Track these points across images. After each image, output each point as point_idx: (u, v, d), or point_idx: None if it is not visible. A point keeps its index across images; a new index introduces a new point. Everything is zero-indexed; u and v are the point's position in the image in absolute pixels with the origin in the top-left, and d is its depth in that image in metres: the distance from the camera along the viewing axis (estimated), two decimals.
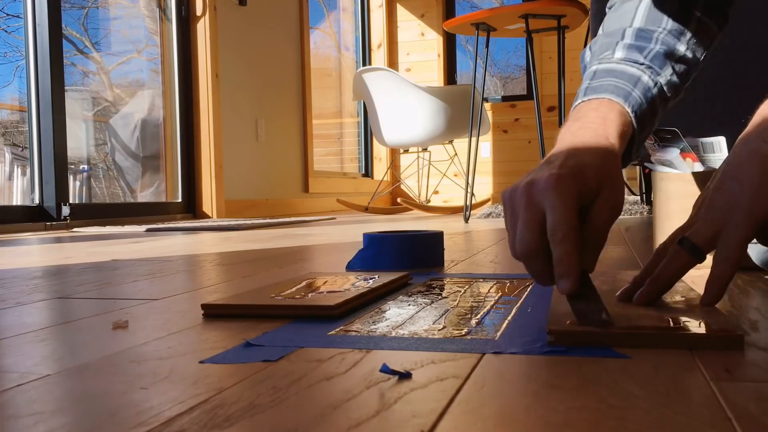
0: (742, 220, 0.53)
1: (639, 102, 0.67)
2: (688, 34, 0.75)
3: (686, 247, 0.56)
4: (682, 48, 0.74)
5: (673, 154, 1.03)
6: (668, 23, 0.74)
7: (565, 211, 0.55)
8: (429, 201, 4.55)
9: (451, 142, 3.92)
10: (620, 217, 2.94)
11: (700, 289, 0.58)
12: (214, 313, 0.67)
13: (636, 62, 0.71)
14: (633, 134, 0.67)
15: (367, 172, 5.49)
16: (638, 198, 3.51)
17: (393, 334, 0.55)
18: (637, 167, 3.55)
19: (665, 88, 0.71)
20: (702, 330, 0.50)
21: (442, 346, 0.51)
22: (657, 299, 0.58)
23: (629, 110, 0.66)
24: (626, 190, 4.01)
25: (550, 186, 0.56)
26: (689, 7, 0.76)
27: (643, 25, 0.75)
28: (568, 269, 0.54)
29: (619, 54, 0.72)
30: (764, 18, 1.76)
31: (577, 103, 0.69)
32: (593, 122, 0.64)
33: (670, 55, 0.73)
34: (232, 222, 2.84)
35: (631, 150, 0.68)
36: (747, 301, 0.69)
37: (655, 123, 0.72)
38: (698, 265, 0.56)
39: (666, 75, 0.72)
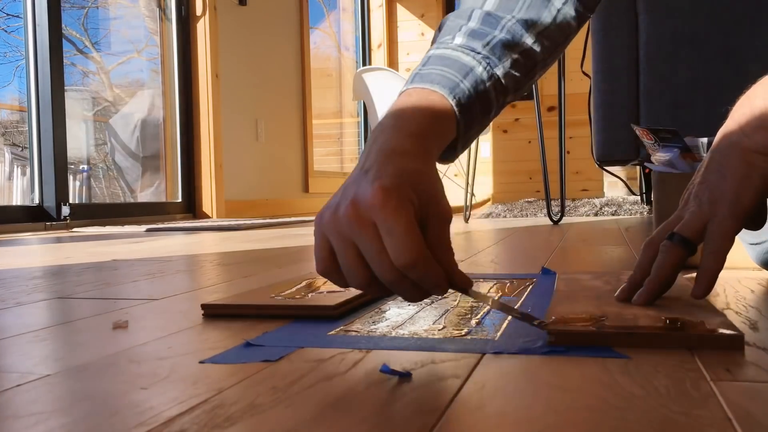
0: (728, 212, 0.54)
1: (466, 93, 0.61)
2: (541, 26, 0.68)
3: (677, 241, 0.56)
4: (529, 40, 0.67)
5: (673, 154, 1.03)
6: (520, 11, 0.67)
7: (406, 229, 0.47)
8: None
9: None
10: (620, 217, 2.95)
11: None
12: (214, 313, 0.67)
13: (473, 50, 0.64)
14: (458, 129, 0.61)
15: None
16: (638, 198, 3.51)
17: (393, 334, 0.55)
18: (637, 167, 3.55)
19: (503, 80, 0.65)
20: (702, 330, 0.50)
21: (442, 346, 0.51)
22: (657, 299, 0.58)
23: (453, 103, 0.59)
24: (626, 190, 4.02)
25: (379, 202, 0.48)
26: None
27: (493, 10, 0.67)
28: (438, 287, 0.50)
29: (459, 40, 0.65)
30: (765, 18, 1.76)
31: (402, 89, 0.62)
32: (411, 118, 0.57)
33: (513, 47, 0.66)
34: (232, 222, 2.84)
35: (456, 145, 0.63)
36: (747, 301, 0.69)
37: (491, 116, 0.66)
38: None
39: (505, 66, 0.65)
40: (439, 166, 0.62)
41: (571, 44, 0.77)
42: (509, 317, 0.61)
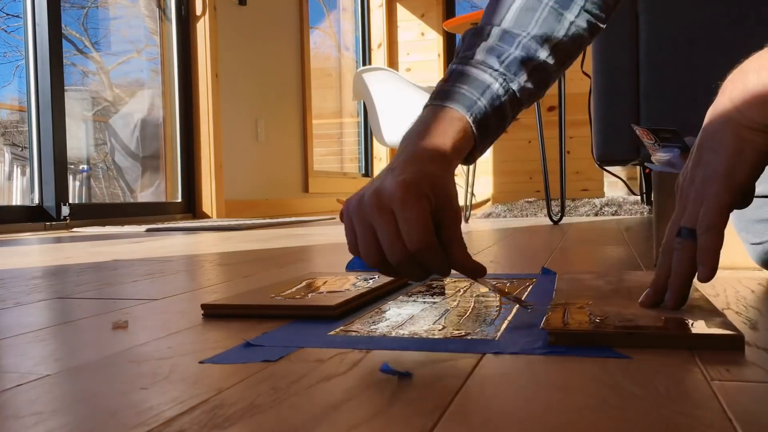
0: (721, 187, 0.53)
1: (483, 110, 0.68)
2: (555, 40, 0.73)
3: (685, 235, 0.56)
4: (543, 54, 0.72)
5: (673, 154, 1.03)
6: (535, 28, 0.73)
7: (419, 218, 0.55)
8: None
9: None
10: (620, 217, 2.95)
11: (702, 291, 0.58)
12: (214, 313, 0.67)
13: (491, 67, 0.71)
14: (474, 141, 0.68)
15: (367, 172, 5.49)
16: (638, 198, 3.51)
17: (393, 334, 0.55)
18: (637, 167, 3.55)
19: (518, 94, 0.71)
20: (702, 330, 0.50)
21: (442, 346, 0.51)
22: (687, 297, 0.57)
23: (470, 120, 0.67)
24: (626, 190, 4.02)
25: (399, 193, 0.56)
26: (563, 11, 0.74)
27: (509, 27, 0.73)
28: (441, 271, 0.57)
29: (479, 56, 0.72)
30: (765, 18, 1.76)
31: (427, 103, 0.69)
32: (434, 132, 0.65)
33: (528, 62, 0.72)
34: (232, 222, 2.84)
35: (474, 153, 0.70)
36: (747, 301, 0.69)
37: (505, 126, 0.72)
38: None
39: (520, 81, 0.71)
40: None
41: None
42: (509, 317, 0.61)
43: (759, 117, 0.53)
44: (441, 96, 0.69)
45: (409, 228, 0.55)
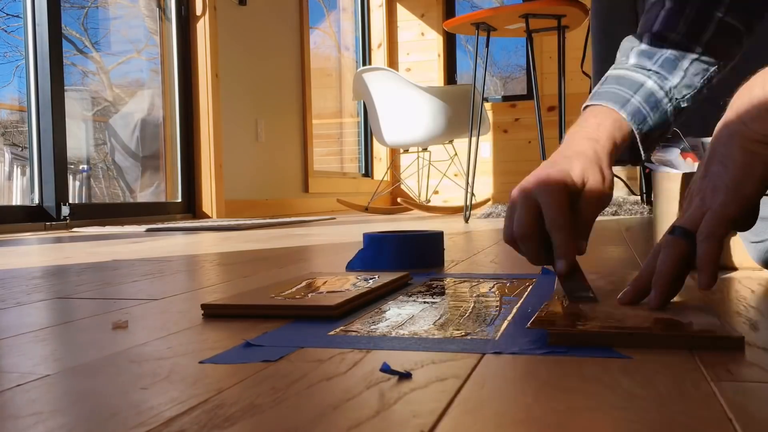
0: (728, 199, 0.54)
1: (637, 107, 0.75)
2: (706, 36, 0.79)
3: (678, 234, 0.56)
4: (698, 50, 0.79)
5: (673, 154, 1.03)
6: (684, 27, 0.80)
7: (557, 204, 0.64)
8: (429, 201, 4.55)
9: (451, 142, 3.92)
10: (620, 217, 2.95)
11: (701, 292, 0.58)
12: (214, 313, 0.67)
13: (644, 68, 0.78)
14: (634, 135, 0.76)
15: (367, 172, 5.49)
16: (638, 198, 3.51)
17: (393, 334, 0.55)
18: (637, 167, 3.55)
19: (674, 90, 0.78)
20: (702, 330, 0.50)
21: (442, 346, 0.51)
22: (671, 298, 0.57)
23: (625, 115, 0.74)
24: (626, 190, 4.02)
25: (541, 184, 0.65)
26: (710, 9, 0.79)
27: (659, 30, 0.81)
28: (565, 252, 0.63)
29: (632, 60, 0.80)
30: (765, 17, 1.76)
31: (585, 104, 0.78)
32: (589, 127, 0.74)
33: (682, 59, 0.79)
34: (232, 222, 2.84)
35: (638, 148, 0.77)
36: (747, 301, 0.69)
37: (669, 120, 0.79)
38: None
39: (675, 79, 0.78)
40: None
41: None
42: (509, 317, 0.61)
43: (763, 129, 0.53)
44: (596, 97, 0.77)
45: (549, 212, 0.64)
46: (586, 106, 0.78)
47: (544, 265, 0.70)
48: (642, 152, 0.78)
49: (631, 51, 0.82)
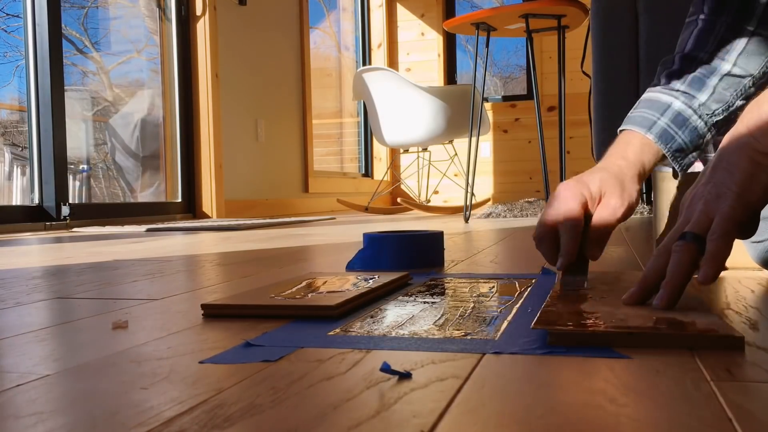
0: (735, 203, 0.56)
1: (664, 128, 0.81)
2: (736, 52, 0.82)
3: (689, 239, 0.57)
4: (727, 66, 0.82)
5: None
6: (713, 45, 0.83)
7: (569, 210, 0.73)
8: (429, 201, 4.55)
9: (451, 142, 3.92)
10: None
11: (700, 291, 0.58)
12: (213, 313, 0.67)
13: (673, 89, 0.83)
14: (663, 153, 0.82)
15: (367, 172, 5.49)
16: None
17: (393, 334, 0.55)
18: None
19: (702, 107, 0.82)
20: (702, 330, 0.50)
21: (442, 346, 0.51)
22: (678, 300, 0.57)
23: (651, 137, 0.81)
24: None
25: (561, 192, 0.75)
26: (741, 23, 0.82)
27: (690, 51, 0.85)
28: (567, 249, 0.72)
29: (663, 81, 0.85)
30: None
31: (620, 128, 0.85)
32: (618, 149, 0.82)
33: (710, 76, 0.82)
34: (232, 222, 2.84)
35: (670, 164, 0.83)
36: (747, 301, 0.69)
37: (703, 134, 0.83)
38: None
39: (703, 96, 0.82)
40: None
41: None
42: (509, 317, 0.61)
43: None
44: (627, 122, 0.84)
45: (562, 216, 0.73)
46: (621, 130, 0.85)
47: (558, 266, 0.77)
48: (675, 167, 0.83)
49: (662, 74, 0.86)
